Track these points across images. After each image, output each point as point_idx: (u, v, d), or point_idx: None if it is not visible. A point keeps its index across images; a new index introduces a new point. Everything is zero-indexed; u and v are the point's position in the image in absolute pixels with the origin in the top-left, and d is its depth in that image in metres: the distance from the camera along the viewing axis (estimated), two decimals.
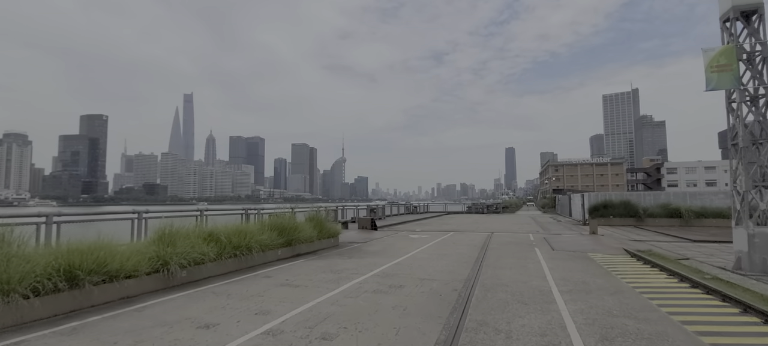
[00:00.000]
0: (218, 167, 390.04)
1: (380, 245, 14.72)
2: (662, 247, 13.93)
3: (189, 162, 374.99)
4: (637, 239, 16.66)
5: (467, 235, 18.72)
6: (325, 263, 10.45)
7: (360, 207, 27.20)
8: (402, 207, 41.32)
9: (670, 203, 25.53)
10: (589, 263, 10.33)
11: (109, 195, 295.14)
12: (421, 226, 24.49)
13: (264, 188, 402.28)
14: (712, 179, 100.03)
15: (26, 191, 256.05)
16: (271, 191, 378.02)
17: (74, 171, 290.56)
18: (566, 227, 24.30)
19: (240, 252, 9.31)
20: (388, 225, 24.14)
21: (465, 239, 16.64)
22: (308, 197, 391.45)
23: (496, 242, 15.51)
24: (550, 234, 19.12)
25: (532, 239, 16.73)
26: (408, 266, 9.97)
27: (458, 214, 43.94)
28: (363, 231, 19.86)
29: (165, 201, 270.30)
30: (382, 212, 31.49)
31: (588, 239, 16.06)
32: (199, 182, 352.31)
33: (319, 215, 13.92)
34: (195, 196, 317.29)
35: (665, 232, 20.53)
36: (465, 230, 21.80)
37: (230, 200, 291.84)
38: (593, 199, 27.40)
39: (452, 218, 34.20)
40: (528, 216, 38.36)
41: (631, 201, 26.18)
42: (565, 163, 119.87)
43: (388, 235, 18.51)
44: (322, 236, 13.38)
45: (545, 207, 52.72)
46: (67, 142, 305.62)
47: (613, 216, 25.86)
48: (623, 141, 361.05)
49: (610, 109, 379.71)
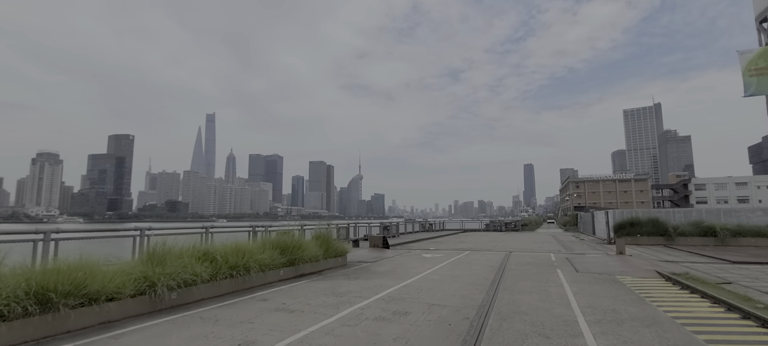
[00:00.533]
0: (238, 185, 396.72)
1: (390, 264, 13.96)
2: (698, 269, 12.69)
3: (210, 180, 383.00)
4: (668, 260, 15.37)
5: (483, 254, 17.74)
6: (329, 285, 9.78)
7: (373, 225, 26.52)
8: (417, 225, 40.37)
9: (703, 220, 23.86)
10: (618, 288, 9.32)
11: (133, 212, 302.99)
12: (436, 244, 23.56)
13: (282, 205, 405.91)
14: (743, 196, 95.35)
15: (56, 208, 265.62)
16: (288, 209, 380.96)
17: (101, 189, 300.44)
18: (590, 246, 22.94)
19: (237, 272, 8.74)
20: (401, 243, 23.32)
21: (481, 259, 15.70)
22: (325, 214, 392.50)
23: (515, 263, 14.53)
24: (573, 254, 17.94)
25: (554, 259, 15.65)
26: (417, 289, 9.19)
27: (475, 232, 42.61)
28: (374, 250, 19.12)
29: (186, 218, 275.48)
30: (395, 229, 30.71)
31: (615, 259, 14.88)
32: (219, 200, 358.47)
33: (326, 233, 13.32)
34: (215, 213, 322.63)
35: (699, 252, 19.04)
36: (481, 248, 20.78)
37: (248, 217, 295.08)
38: (618, 216, 25.91)
39: (468, 236, 33.05)
40: (548, 234, 36.79)
41: (660, 218, 24.60)
42: (586, 179, 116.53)
43: (400, 254, 17.71)
44: (328, 255, 12.74)
45: (567, 225, 50.73)
46: (95, 161, 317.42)
47: (640, 235, 24.33)
48: (647, 156, 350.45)
49: (631, 124, 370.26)
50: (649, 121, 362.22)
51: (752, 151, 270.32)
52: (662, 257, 16.84)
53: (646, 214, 25.76)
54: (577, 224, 47.30)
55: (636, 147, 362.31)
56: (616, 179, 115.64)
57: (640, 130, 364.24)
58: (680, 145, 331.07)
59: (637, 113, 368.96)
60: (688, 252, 19.19)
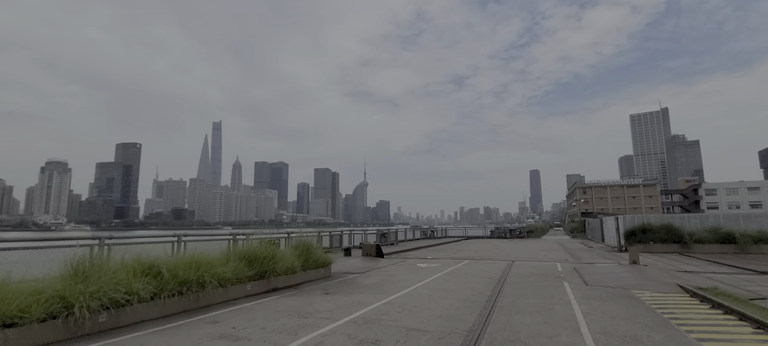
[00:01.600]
0: (243, 192, 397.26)
1: (379, 276, 12.66)
2: (723, 280, 11.26)
3: (215, 187, 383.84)
4: (688, 270, 13.91)
5: (483, 264, 16.38)
6: (298, 302, 8.51)
7: (369, 232, 25.22)
8: (418, 232, 39.00)
9: (720, 226, 22.27)
10: (636, 306, 7.95)
11: (140, 220, 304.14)
12: (434, 253, 22.21)
13: (287, 212, 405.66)
14: (756, 201, 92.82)
15: (63, 216, 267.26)
16: (293, 216, 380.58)
17: (108, 197, 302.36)
18: (599, 254, 21.45)
19: (188, 289, 7.51)
20: (398, 252, 22.00)
21: (480, 270, 14.34)
22: (330, 221, 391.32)
23: (517, 274, 13.17)
24: (582, 263, 16.51)
25: (560, 269, 14.25)
26: (398, 308, 7.90)
27: (479, 239, 41.09)
28: (367, 259, 17.83)
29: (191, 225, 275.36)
30: (394, 237, 29.40)
31: (628, 269, 13.46)
32: (225, 207, 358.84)
33: (307, 241, 12.07)
34: (220, 220, 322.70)
35: (718, 260, 17.52)
36: (482, 257, 19.39)
37: (253, 225, 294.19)
38: (629, 222, 24.39)
39: (470, 244, 31.60)
40: (555, 242, 35.22)
41: (674, 224, 23.04)
42: (593, 184, 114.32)
43: (393, 263, 16.41)
44: (308, 266, 11.48)
45: (574, 231, 49.02)
46: (103, 169, 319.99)
47: (653, 242, 22.79)
48: (655, 162, 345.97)
49: (638, 129, 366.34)
50: (656, 126, 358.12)
51: (763, 156, 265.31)
52: (680, 266, 15.37)
53: (658, 219, 24.22)
54: (585, 231, 45.60)
55: (644, 152, 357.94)
56: (624, 185, 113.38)
57: (648, 135, 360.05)
58: (689, 150, 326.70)
59: (645, 118, 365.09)
60: (708, 261, 17.68)
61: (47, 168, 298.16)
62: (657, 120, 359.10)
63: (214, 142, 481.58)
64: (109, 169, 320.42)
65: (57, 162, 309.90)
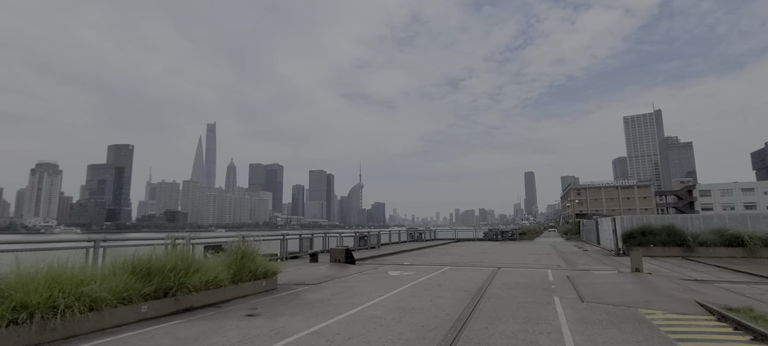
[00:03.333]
0: (237, 194, 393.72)
1: (333, 288, 10.57)
2: (744, 292, 9.31)
3: (209, 189, 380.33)
4: (698, 279, 11.97)
5: (465, 271, 14.34)
6: (200, 330, 6.38)
7: (345, 235, 23.09)
8: (405, 234, 36.92)
9: (726, 227, 20.40)
10: (650, 337, 5.90)
11: (132, 222, 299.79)
12: (413, 258, 20.14)
13: (282, 214, 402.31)
14: (751, 202, 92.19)
15: (54, 218, 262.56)
16: (288, 218, 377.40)
17: (100, 199, 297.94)
18: (596, 259, 19.50)
19: (28, 318, 5.37)
20: (374, 256, 19.92)
21: (458, 279, 12.29)
22: (325, 223, 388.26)
23: (500, 284, 11.14)
24: (576, 270, 14.52)
25: (551, 278, 12.24)
26: (327, 341, 5.81)
27: (469, 241, 39.10)
28: (335, 266, 15.73)
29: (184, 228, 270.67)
30: (376, 239, 27.30)
31: (631, 279, 11.48)
32: (219, 209, 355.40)
33: (243, 247, 9.93)
34: (214, 223, 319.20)
35: (728, 266, 15.63)
36: (465, 263, 17.36)
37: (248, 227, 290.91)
38: (627, 223, 22.48)
39: (458, 247, 29.58)
40: (548, 244, 33.30)
41: (676, 226, 21.15)
42: (588, 186, 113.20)
43: (362, 271, 14.32)
44: (242, 278, 9.36)
45: (568, 233, 47.21)
46: (94, 172, 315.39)
47: (653, 245, 20.89)
48: (648, 163, 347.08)
49: (632, 131, 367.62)
50: (649, 128, 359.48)
51: (755, 157, 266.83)
52: (688, 273, 13.43)
53: (659, 221, 22.34)
54: (579, 233, 43.80)
55: (637, 154, 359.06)
56: (618, 186, 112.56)
57: (641, 137, 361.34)
58: (682, 152, 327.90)
59: (638, 120, 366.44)
60: (716, 266, 15.78)
61: (38, 170, 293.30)
62: (650, 122, 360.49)
63: (209, 143, 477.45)
64: (101, 171, 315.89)
65: (47, 164, 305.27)
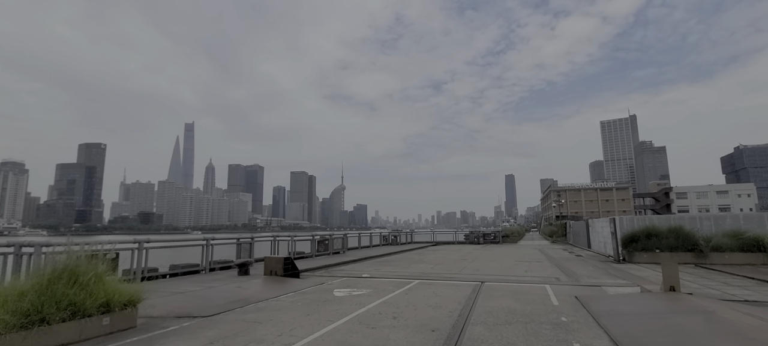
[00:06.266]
0: (216, 196, 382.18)
1: (228, 325, 6.77)
2: None
3: (186, 191, 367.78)
4: (748, 299, 8.77)
5: (437, 289, 10.74)
6: None
7: (298, 238, 19.15)
8: (378, 237, 33.23)
9: (742, 229, 17.55)
10: None
11: (103, 224, 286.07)
12: (378, 267, 16.44)
13: (262, 216, 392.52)
14: (725, 204, 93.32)
15: (18, 219, 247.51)
16: (268, 220, 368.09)
17: (69, 200, 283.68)
18: (598, 268, 16.25)
19: None
20: (328, 265, 16.13)
21: (425, 303, 8.67)
22: (306, 225, 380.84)
23: (485, 313, 7.58)
24: (583, 286, 11.14)
25: (555, 301, 8.78)
26: None
27: (448, 245, 35.69)
28: (269, 280, 11.89)
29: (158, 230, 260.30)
30: (341, 243, 23.51)
31: (672, 305, 8.11)
32: (196, 211, 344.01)
33: (68, 262, 6.03)
34: (190, 225, 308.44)
35: (756, 276, 12.61)
36: (440, 275, 13.78)
37: (226, 229, 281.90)
38: (628, 225, 19.43)
39: (435, 252, 26.07)
40: (534, 248, 30.18)
41: (685, 228, 18.16)
42: (568, 188, 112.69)
43: (299, 289, 10.54)
44: (52, 316, 5.45)
45: (553, 235, 44.44)
46: (63, 171, 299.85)
47: (659, 250, 17.87)
48: (624, 167, 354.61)
49: (608, 135, 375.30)
50: (625, 133, 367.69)
51: (725, 162, 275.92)
52: (725, 290, 10.22)
53: (664, 222, 19.35)
54: (565, 235, 41.05)
55: (613, 158, 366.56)
56: (597, 188, 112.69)
57: (617, 141, 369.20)
58: (656, 156, 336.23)
59: (614, 125, 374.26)
60: (746, 277, 12.72)
61: (2, 169, 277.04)
62: (626, 127, 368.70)
63: (186, 143, 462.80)
64: (71, 170, 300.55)
65: (13, 163, 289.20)
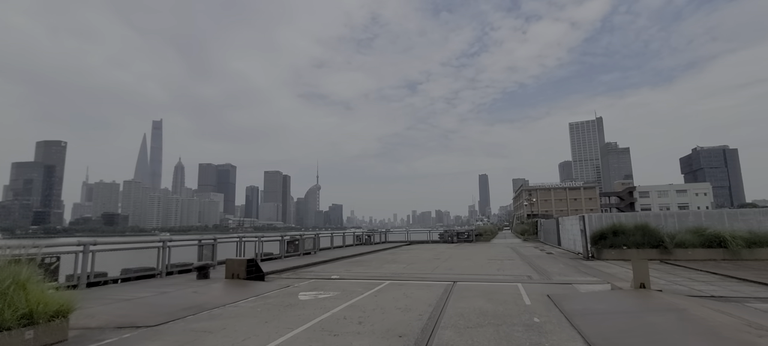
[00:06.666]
0: (185, 196, 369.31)
1: (176, 337, 6.10)
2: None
3: (153, 191, 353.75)
4: (715, 295, 8.86)
5: (408, 290, 10.34)
6: None
7: (266, 239, 18.33)
8: (351, 237, 32.67)
9: (704, 226, 18.18)
10: None
11: (64, 226, 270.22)
12: (349, 268, 15.92)
13: (234, 216, 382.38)
14: (684, 203, 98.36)
15: None
16: (241, 220, 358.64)
17: (26, 201, 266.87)
18: (568, 265, 16.35)
19: None
20: (297, 267, 15.47)
21: (394, 306, 8.24)
22: (281, 225, 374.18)
23: (456, 315, 7.23)
24: (554, 284, 11.04)
25: (528, 300, 8.55)
26: None
27: (421, 244, 35.55)
28: (230, 284, 11.14)
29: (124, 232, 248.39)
30: (312, 244, 22.82)
31: (644, 302, 8.03)
32: (164, 212, 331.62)
33: None
34: (158, 226, 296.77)
35: (721, 271, 12.98)
36: (412, 275, 13.41)
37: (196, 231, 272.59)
38: (596, 222, 19.76)
39: (408, 252, 25.79)
40: (507, 246, 30.46)
41: (650, 225, 18.65)
42: (538, 187, 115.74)
43: (261, 294, 9.88)
44: None
45: (525, 234, 45.24)
46: (20, 170, 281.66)
47: (626, 246, 18.25)
48: (590, 167, 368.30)
49: (576, 136, 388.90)
50: (592, 134, 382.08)
51: (683, 162, 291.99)
52: (693, 286, 10.35)
53: (631, 219, 19.82)
54: (536, 233, 41.83)
55: (581, 158, 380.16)
56: (566, 187, 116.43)
57: (585, 142, 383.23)
58: (620, 157, 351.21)
59: (582, 127, 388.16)
60: (710, 272, 13.05)
61: None
62: (592, 129, 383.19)
63: (154, 142, 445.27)
64: (28, 169, 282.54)
65: None
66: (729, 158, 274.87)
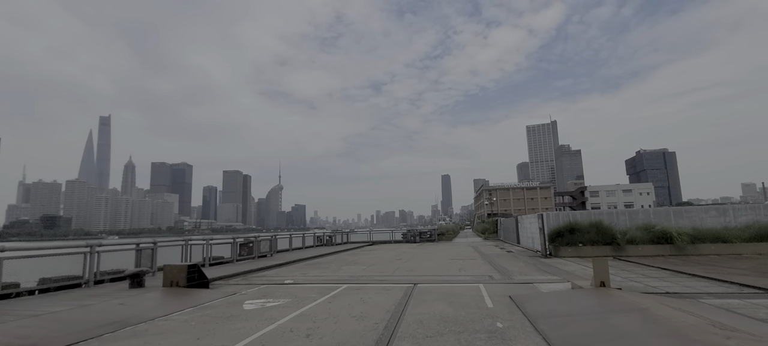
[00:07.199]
0: (136, 196, 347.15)
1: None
2: (744, 309, 6.11)
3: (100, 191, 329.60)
4: (670, 291, 8.94)
5: (366, 294, 9.68)
6: None
7: (216, 241, 16.97)
8: (311, 238, 31.54)
9: (653, 223, 18.96)
10: None
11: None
12: (305, 271, 15.02)
13: (190, 218, 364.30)
14: (629, 201, 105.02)
15: None
16: (198, 222, 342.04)
17: None
18: (528, 263, 16.38)
19: None
20: (248, 271, 14.36)
21: (349, 314, 7.55)
22: (240, 227, 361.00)
23: (416, 323, 6.65)
24: (516, 284, 10.79)
25: (490, 303, 8.16)
26: None
27: (384, 244, 35.07)
28: (168, 293, 9.96)
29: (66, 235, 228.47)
30: (268, 246, 21.59)
31: (604, 301, 7.86)
32: (112, 214, 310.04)
33: None
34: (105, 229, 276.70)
35: (669, 266, 13.40)
36: (371, 278, 12.77)
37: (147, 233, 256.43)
38: (554, 221, 20.11)
39: (370, 252, 25.16)
40: (468, 245, 30.61)
41: (604, 222, 19.23)
42: (498, 187, 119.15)
43: (200, 303, 8.83)
44: None
45: (486, 232, 46.04)
46: None
47: (582, 244, 18.69)
48: (546, 168, 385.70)
49: (533, 139, 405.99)
50: (547, 137, 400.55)
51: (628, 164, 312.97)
52: (647, 282, 10.47)
53: (585, 217, 20.34)
54: (497, 232, 42.62)
55: (537, 159, 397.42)
56: (524, 187, 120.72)
57: (541, 144, 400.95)
58: (572, 158, 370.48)
59: (538, 129, 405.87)
60: (660, 269, 13.43)
61: None
62: (548, 131, 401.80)
63: (102, 139, 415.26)
64: None
65: None
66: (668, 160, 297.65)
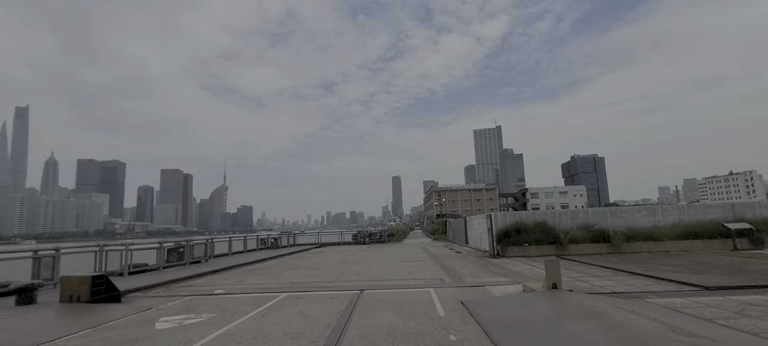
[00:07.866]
0: (59, 196, 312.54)
1: None
2: (689, 309, 6.07)
3: (15, 190, 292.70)
4: (616, 290, 8.93)
5: (306, 305, 8.66)
6: None
7: (138, 246, 14.93)
8: (254, 241, 29.60)
9: (592, 223, 19.77)
10: None
11: None
12: (242, 278, 13.60)
13: (122, 220, 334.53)
14: (565, 202, 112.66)
15: None
16: (131, 224, 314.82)
17: None
18: (477, 265, 16.19)
19: None
20: (174, 280, 12.68)
21: (279, 333, 6.51)
22: (180, 229, 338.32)
23: (358, 338, 5.80)
24: (467, 287, 10.34)
25: (442, 310, 7.53)
26: None
27: (333, 246, 33.90)
28: (66, 310, 8.23)
29: None
30: (204, 250, 19.65)
31: (557, 304, 7.54)
32: (29, 215, 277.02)
33: None
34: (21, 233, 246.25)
35: (610, 265, 13.81)
36: (314, 285, 11.73)
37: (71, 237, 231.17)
38: (501, 221, 20.30)
39: (317, 255, 23.95)
40: (418, 246, 30.39)
41: (548, 222, 19.73)
42: (447, 189, 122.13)
43: (98, 324, 7.31)
44: None
45: (435, 233, 46.46)
46: None
47: (528, 243, 18.99)
48: (491, 170, 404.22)
49: (479, 142, 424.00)
50: (493, 141, 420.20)
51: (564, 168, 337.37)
52: (593, 282, 10.50)
53: (531, 217, 20.77)
54: (446, 232, 43.09)
55: (483, 162, 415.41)
56: (471, 189, 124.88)
57: (486, 148, 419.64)
58: (515, 162, 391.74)
59: (484, 134, 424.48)
60: (604, 267, 13.77)
61: None
62: (493, 136, 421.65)
63: (17, 132, 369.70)
64: None
65: None
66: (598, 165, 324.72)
